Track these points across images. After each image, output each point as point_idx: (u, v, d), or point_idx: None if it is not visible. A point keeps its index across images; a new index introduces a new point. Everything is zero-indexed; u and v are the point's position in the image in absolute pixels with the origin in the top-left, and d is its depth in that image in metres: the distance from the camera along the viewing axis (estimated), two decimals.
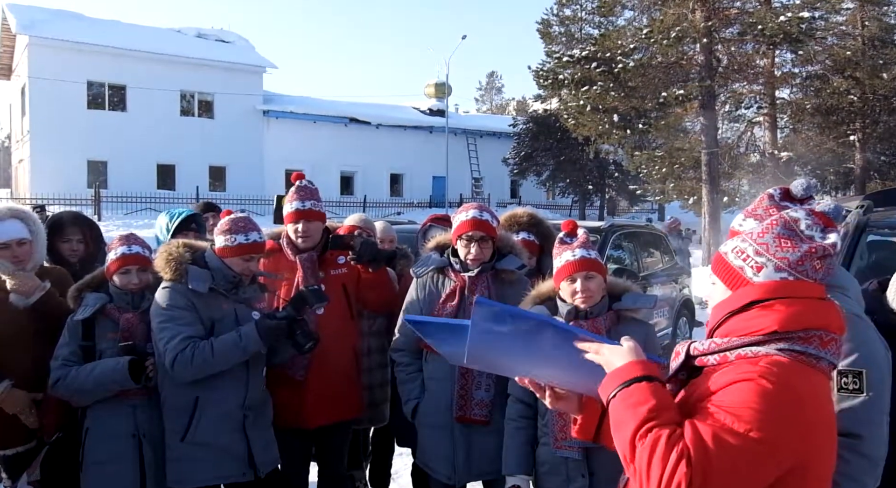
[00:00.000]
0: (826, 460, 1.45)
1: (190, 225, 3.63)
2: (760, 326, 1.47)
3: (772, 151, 20.84)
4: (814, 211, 1.58)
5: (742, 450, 1.33)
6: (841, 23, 20.57)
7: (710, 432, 1.35)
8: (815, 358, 1.45)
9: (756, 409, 1.35)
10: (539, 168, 31.08)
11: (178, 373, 2.78)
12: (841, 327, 1.51)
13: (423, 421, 3.02)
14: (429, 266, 3.01)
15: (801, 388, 1.40)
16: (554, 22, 28.78)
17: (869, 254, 4.72)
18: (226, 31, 31.23)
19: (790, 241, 1.52)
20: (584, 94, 20.20)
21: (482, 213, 2.94)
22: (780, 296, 1.48)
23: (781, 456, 1.36)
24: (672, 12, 18.28)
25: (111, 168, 25.87)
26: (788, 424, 1.36)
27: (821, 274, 1.50)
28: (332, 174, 30.39)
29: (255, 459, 2.93)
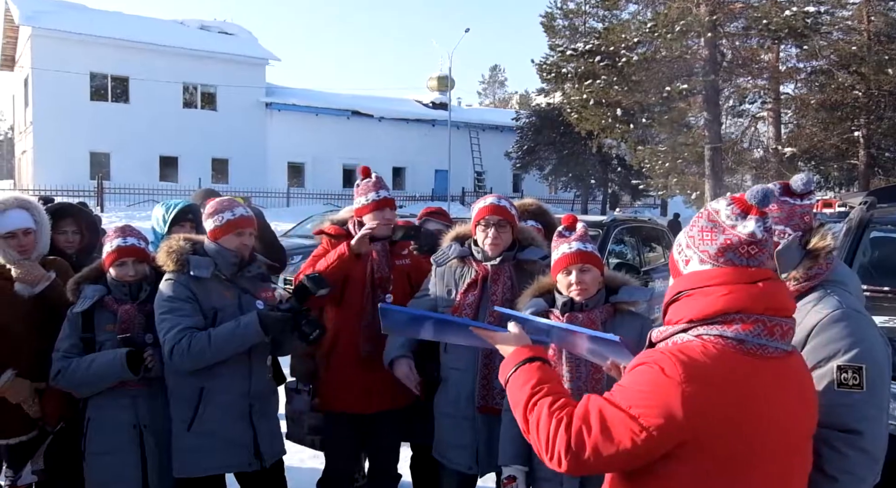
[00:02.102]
0: (731, 440, 1.48)
1: (186, 216, 3.61)
2: (681, 315, 1.59)
3: (775, 147, 20.79)
4: (735, 198, 1.63)
5: (620, 423, 1.47)
6: (846, 17, 20.47)
7: (597, 405, 1.52)
8: (737, 341, 1.51)
9: (641, 389, 1.49)
10: (542, 162, 31.02)
11: (177, 363, 2.78)
12: (779, 308, 1.55)
13: (443, 411, 3.00)
14: (450, 255, 3.02)
15: (700, 371, 1.47)
16: (558, 15, 28.62)
17: (872, 250, 4.72)
18: (229, 23, 31.16)
19: (711, 233, 1.60)
20: (587, 87, 20.18)
21: (500, 200, 2.97)
22: (700, 285, 1.57)
23: (662, 432, 1.46)
24: (677, 6, 18.22)
25: (114, 160, 25.87)
26: (672, 404, 1.44)
27: (758, 256, 1.57)
28: (334, 167, 30.38)
29: (260, 449, 2.94)
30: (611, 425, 1.50)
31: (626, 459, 1.51)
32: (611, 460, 1.52)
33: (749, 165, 21.49)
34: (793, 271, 1.97)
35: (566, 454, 1.53)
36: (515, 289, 2.88)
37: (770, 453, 1.53)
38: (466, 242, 3.05)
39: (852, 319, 1.87)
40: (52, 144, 24.22)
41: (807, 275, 1.96)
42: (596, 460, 1.52)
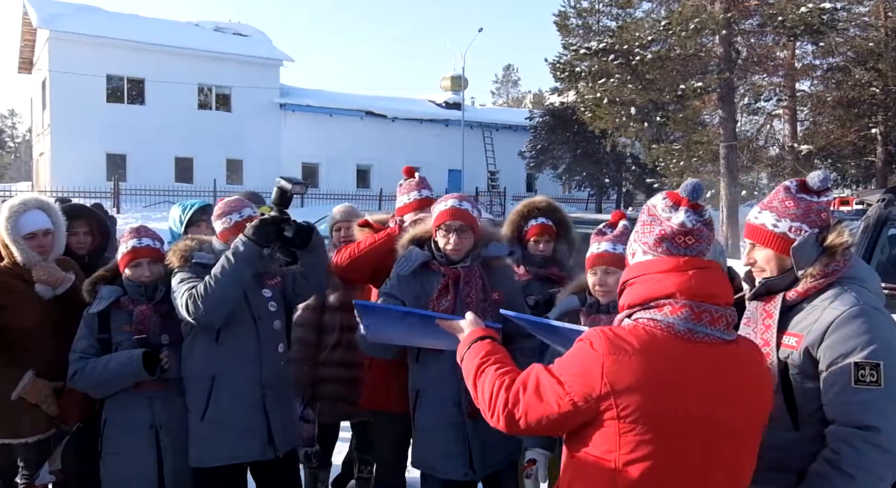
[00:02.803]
0: (649, 412, 1.60)
1: (203, 216, 3.64)
2: (625, 302, 1.76)
3: (791, 144, 20.58)
4: (669, 193, 1.79)
5: (550, 387, 1.67)
6: (863, 14, 20.22)
7: (536, 372, 1.73)
8: (666, 324, 1.65)
9: (572, 360, 1.68)
10: (555, 161, 30.90)
11: (195, 310, 2.74)
12: (709, 295, 1.66)
13: (427, 424, 2.88)
14: (414, 262, 2.87)
15: (623, 346, 1.62)
16: (571, 14, 28.47)
17: (890, 247, 4.68)
18: (243, 25, 31.32)
19: (650, 226, 1.76)
20: (601, 86, 20.06)
21: (461, 203, 2.85)
22: (639, 274, 1.73)
23: (583, 398, 1.63)
24: (691, 3, 18.09)
25: (130, 161, 26.09)
26: (593, 373, 1.62)
27: (695, 246, 1.70)
28: (348, 167, 30.45)
29: (274, 437, 2.94)
30: (542, 389, 1.69)
31: (553, 421, 1.68)
32: (539, 421, 1.70)
33: (765, 163, 21.28)
34: (809, 268, 1.95)
35: (503, 411, 1.73)
36: (488, 289, 2.82)
37: (689, 432, 1.62)
38: (426, 245, 2.92)
39: (870, 316, 1.87)
40: (70, 146, 24.46)
41: (824, 271, 1.95)
42: (527, 420, 1.71)
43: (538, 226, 3.55)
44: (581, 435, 1.70)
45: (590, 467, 1.69)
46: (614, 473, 1.64)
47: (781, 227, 1.98)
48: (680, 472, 1.64)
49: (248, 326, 2.95)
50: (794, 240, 1.96)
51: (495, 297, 2.85)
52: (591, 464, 1.68)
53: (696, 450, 1.64)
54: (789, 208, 1.98)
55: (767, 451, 1.97)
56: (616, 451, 1.63)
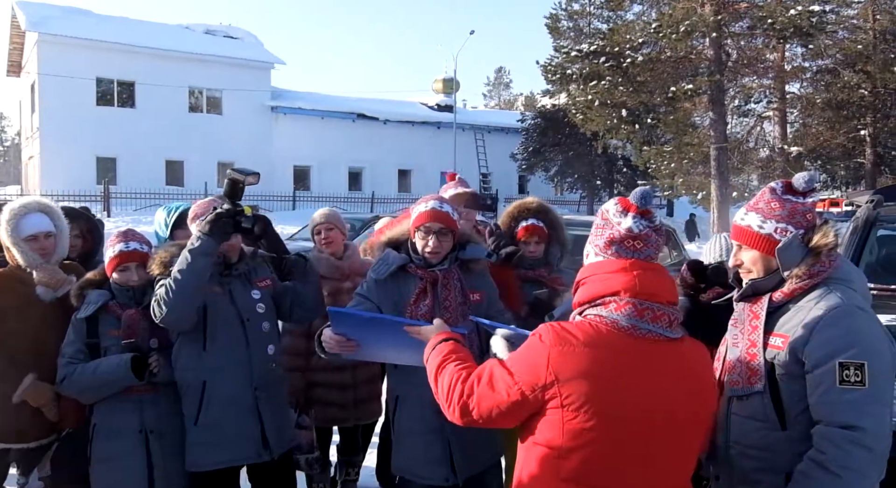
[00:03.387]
0: (591, 402, 1.68)
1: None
2: (576, 300, 1.86)
3: (781, 146, 20.74)
4: (621, 199, 1.88)
5: (501, 379, 1.78)
6: (852, 16, 20.42)
7: (491, 366, 1.84)
8: (611, 320, 1.74)
9: (522, 353, 1.79)
10: (547, 163, 30.98)
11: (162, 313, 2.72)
12: (651, 294, 1.75)
13: (407, 429, 2.82)
14: (391, 265, 2.78)
15: (568, 339, 1.72)
16: (562, 16, 28.65)
17: (879, 248, 4.70)
18: (234, 28, 31.26)
19: (602, 230, 1.86)
20: (592, 88, 20.14)
21: (441, 205, 2.79)
22: (589, 274, 1.84)
23: (531, 388, 1.72)
24: (681, 6, 18.19)
25: (120, 164, 25.96)
26: (539, 364, 1.71)
27: (644, 250, 1.81)
28: (340, 170, 30.41)
29: (268, 440, 2.92)
30: (494, 380, 1.80)
31: (504, 411, 1.78)
32: (491, 411, 1.79)
33: (755, 165, 21.42)
34: (795, 269, 1.97)
35: (458, 401, 1.84)
36: (467, 292, 2.77)
37: (630, 423, 1.70)
38: (402, 248, 2.85)
39: (855, 316, 1.89)
40: (59, 149, 24.32)
41: (809, 272, 1.96)
42: (479, 409, 1.81)
43: (527, 227, 3.54)
44: (530, 426, 1.79)
45: (537, 455, 1.77)
46: (558, 461, 1.73)
47: (767, 229, 2.00)
48: (620, 461, 1.71)
49: (236, 328, 2.92)
50: (780, 241, 1.98)
51: (475, 299, 2.81)
52: (538, 453, 1.77)
53: (637, 441, 1.71)
54: (775, 209, 2.00)
55: (756, 452, 1.98)
56: (560, 439, 1.72)
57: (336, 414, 3.77)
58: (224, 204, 2.81)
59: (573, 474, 1.71)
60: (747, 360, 2.00)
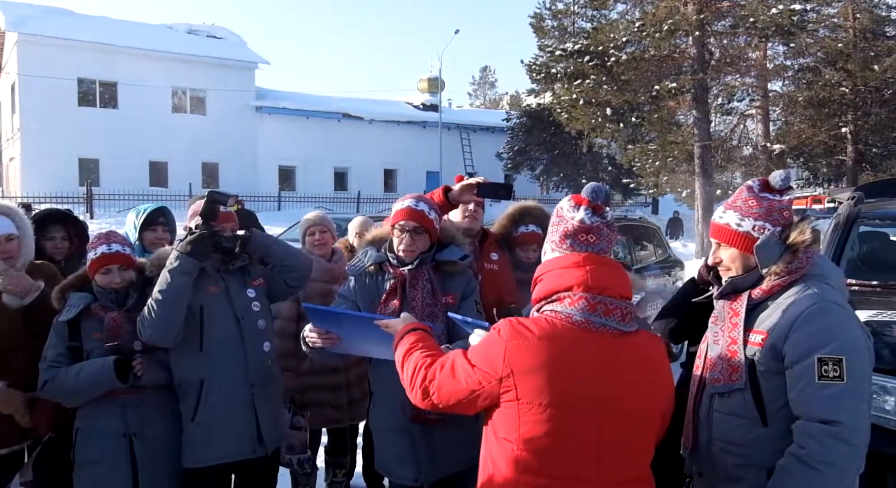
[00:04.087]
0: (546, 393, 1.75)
1: (158, 219, 3.58)
2: (534, 297, 1.91)
3: (764, 144, 20.90)
4: (574, 195, 1.95)
5: (462, 368, 1.85)
6: (832, 15, 20.58)
7: (454, 355, 1.91)
8: (565, 314, 1.80)
9: (482, 346, 1.87)
10: (533, 162, 31.05)
11: (143, 334, 2.79)
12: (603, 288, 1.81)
13: (378, 426, 2.90)
14: (366, 262, 2.86)
15: (524, 333, 1.78)
16: (547, 16, 28.66)
17: (860, 245, 4.75)
18: (217, 27, 31.05)
19: (557, 226, 1.92)
20: (577, 87, 20.19)
21: (418, 203, 2.81)
22: (546, 270, 1.89)
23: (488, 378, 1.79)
24: (664, 5, 18.28)
25: (103, 165, 25.72)
26: (496, 356, 1.78)
27: (597, 244, 1.87)
28: (325, 170, 30.31)
29: (263, 436, 2.95)
30: (456, 369, 1.87)
31: (462, 399, 1.85)
32: (450, 397, 1.87)
33: (738, 163, 21.58)
34: (773, 266, 1.99)
35: (420, 385, 1.91)
36: (437, 293, 2.77)
37: (584, 414, 1.76)
38: (383, 247, 2.89)
39: (832, 312, 1.91)
40: (40, 151, 24.06)
41: (787, 269, 1.99)
42: (439, 395, 1.89)
43: (528, 234, 3.54)
44: (489, 418, 1.87)
45: (498, 448, 1.83)
46: (515, 452, 1.78)
47: (745, 226, 2.02)
48: (574, 451, 1.76)
49: (232, 326, 2.94)
50: (758, 238, 2.00)
51: (448, 301, 2.80)
52: (499, 446, 1.83)
53: (590, 432, 1.76)
54: (752, 207, 2.03)
55: (737, 448, 2.00)
56: (516, 432, 1.78)
57: (331, 415, 3.80)
58: (202, 224, 2.85)
59: (532, 465, 1.77)
60: (728, 357, 2.02)
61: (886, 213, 4.89)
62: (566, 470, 1.77)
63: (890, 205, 5.01)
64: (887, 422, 3.00)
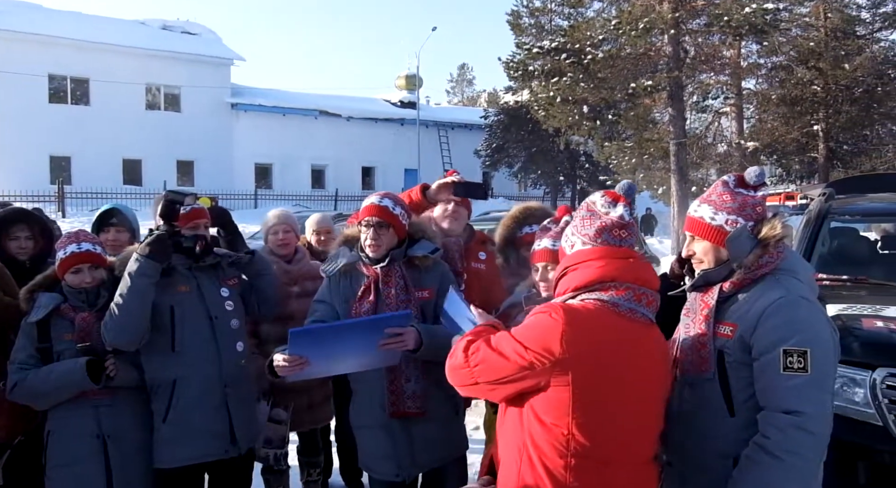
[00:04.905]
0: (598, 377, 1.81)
1: (110, 220, 3.53)
2: (568, 285, 1.95)
3: (738, 141, 21.16)
4: (607, 192, 2.03)
5: (509, 344, 1.86)
6: (804, 14, 20.88)
7: (498, 335, 1.94)
8: (612, 304, 1.87)
9: (531, 326, 1.87)
10: (511, 159, 31.13)
11: (108, 337, 2.77)
12: (646, 280, 1.91)
13: (358, 423, 2.94)
14: (339, 262, 2.86)
15: (578, 318, 1.83)
16: (524, 13, 28.73)
17: (831, 240, 4.82)
18: (192, 23, 30.69)
19: (590, 220, 1.98)
20: (554, 85, 20.28)
21: (382, 200, 2.84)
22: (582, 260, 1.93)
23: (541, 359, 1.80)
24: (640, 3, 18.41)
25: (75, 163, 25.33)
26: (552, 339, 1.80)
27: (628, 239, 1.95)
28: (302, 167, 30.13)
29: (236, 436, 2.94)
30: (502, 346, 1.88)
31: (508, 376, 1.85)
32: (493, 372, 1.87)
33: (713, 160, 21.82)
34: (744, 259, 2.02)
35: (462, 352, 1.93)
36: (410, 289, 2.80)
37: (625, 399, 1.84)
38: (356, 246, 2.91)
39: (799, 306, 1.96)
40: (11, 148, 23.60)
41: (758, 263, 2.03)
42: (482, 369, 1.89)
43: (533, 234, 3.54)
44: (531, 402, 1.86)
45: (540, 432, 1.84)
46: (566, 436, 1.80)
47: (718, 220, 2.06)
48: (619, 434, 1.84)
49: (205, 326, 2.93)
50: (730, 232, 2.04)
51: (423, 296, 2.84)
52: (541, 429, 1.84)
53: (630, 415, 1.85)
54: (726, 202, 2.07)
55: (706, 439, 2.03)
56: (568, 416, 1.80)
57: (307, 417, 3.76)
58: (161, 224, 2.83)
59: (584, 448, 1.80)
60: (698, 349, 2.06)
61: (856, 209, 4.97)
62: (612, 452, 1.83)
63: (860, 201, 5.10)
64: (856, 413, 3.05)
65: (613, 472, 1.83)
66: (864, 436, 3.02)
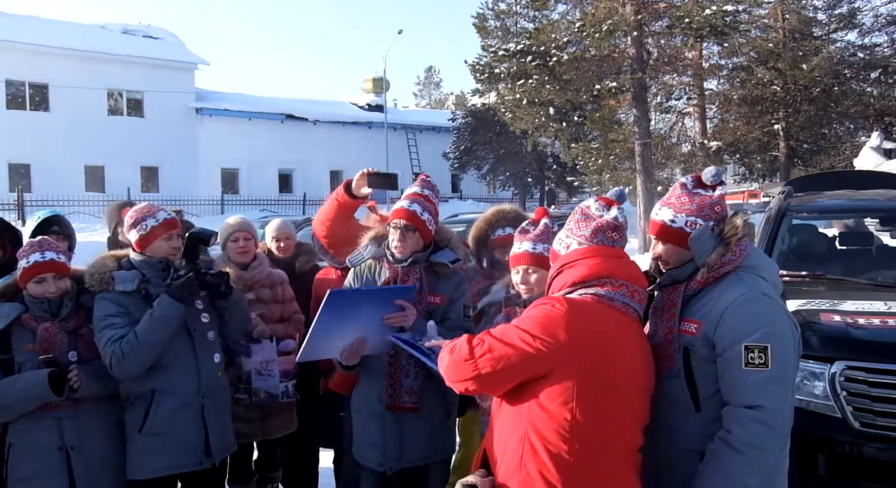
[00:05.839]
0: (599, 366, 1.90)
1: (51, 227, 3.47)
2: (565, 281, 2.04)
3: (702, 141, 21.52)
4: (601, 197, 2.15)
5: (514, 332, 1.93)
6: (763, 16, 21.34)
7: (503, 325, 2.03)
8: (608, 298, 1.97)
9: (535, 316, 1.94)
10: (479, 161, 31.25)
11: (119, 372, 2.78)
12: (636, 278, 2.04)
13: (356, 407, 3.07)
14: (365, 256, 3.05)
15: (580, 309, 1.93)
16: (489, 16, 28.92)
17: (790, 237, 4.93)
18: (154, 27, 30.22)
19: (585, 223, 2.09)
20: (520, 87, 20.42)
21: (411, 204, 2.96)
22: (578, 258, 2.04)
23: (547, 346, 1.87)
24: (603, 6, 18.62)
25: (35, 170, 24.80)
26: (557, 327, 1.88)
27: (619, 241, 2.07)
28: (269, 172, 29.86)
29: (211, 447, 2.94)
30: (507, 335, 1.94)
31: (513, 363, 1.90)
32: (499, 361, 1.91)
33: (678, 159, 22.16)
34: (707, 258, 2.07)
35: (467, 344, 1.97)
36: (424, 292, 2.93)
37: (620, 388, 1.93)
38: (384, 243, 3.05)
39: (760, 303, 2.01)
40: None
41: (721, 262, 2.08)
42: (488, 359, 1.92)
43: (505, 237, 3.53)
44: (533, 388, 1.92)
45: (543, 419, 1.89)
46: (570, 421, 1.86)
47: (679, 222, 2.12)
48: (616, 420, 1.91)
49: (184, 339, 2.93)
50: (690, 233, 2.09)
51: (435, 301, 2.96)
52: (544, 415, 1.89)
53: (626, 403, 1.94)
54: (685, 204, 2.13)
55: (672, 435, 2.07)
56: (572, 401, 1.86)
57: (242, 428, 3.64)
58: (185, 264, 2.88)
59: (585, 432, 1.87)
60: (664, 346, 2.10)
61: (814, 207, 5.10)
62: (612, 436, 1.91)
63: (818, 198, 5.22)
64: (816, 406, 3.14)
65: (611, 456, 1.91)
66: (824, 429, 3.10)
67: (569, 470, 1.86)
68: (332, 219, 3.47)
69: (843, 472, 3.11)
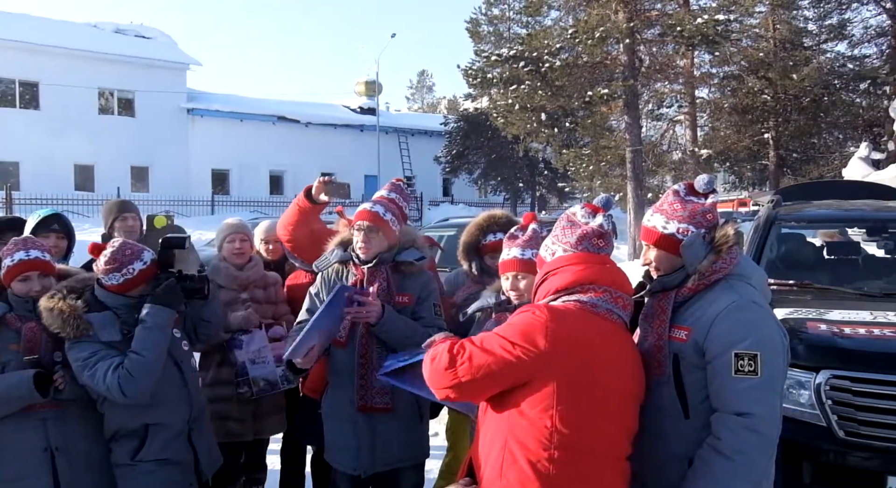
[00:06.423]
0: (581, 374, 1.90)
1: (52, 225, 3.42)
2: (549, 288, 2.06)
3: (693, 149, 21.61)
4: (587, 203, 2.17)
5: (495, 341, 1.93)
6: (754, 25, 21.48)
7: (484, 333, 2.02)
8: (591, 304, 1.99)
9: (516, 324, 1.96)
10: (470, 166, 31.30)
11: (132, 393, 2.66)
12: (621, 284, 2.05)
13: (328, 413, 3.09)
14: (332, 260, 3.08)
15: (561, 316, 1.94)
16: (483, 21, 29.01)
17: (779, 246, 4.97)
18: (146, 27, 30.15)
19: (571, 230, 2.11)
20: (512, 92, 20.45)
21: (374, 205, 3.03)
22: (563, 264, 2.05)
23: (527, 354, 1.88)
24: (596, 13, 18.69)
25: (24, 169, 24.65)
26: (537, 335, 1.89)
27: (605, 248, 2.09)
28: (260, 174, 29.78)
29: (200, 466, 2.95)
30: (488, 343, 1.94)
31: (493, 371, 1.90)
32: (479, 368, 1.91)
33: (668, 167, 22.25)
34: (699, 265, 2.08)
35: (448, 352, 1.96)
36: (392, 291, 2.97)
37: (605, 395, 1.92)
38: (349, 247, 3.09)
39: (750, 310, 2.03)
40: None
41: (711, 269, 2.09)
42: (469, 366, 1.92)
43: (497, 242, 3.54)
44: (515, 396, 1.93)
45: (523, 426, 1.90)
46: (549, 428, 1.86)
47: (670, 229, 2.13)
48: (599, 428, 1.91)
49: (174, 372, 2.90)
50: (682, 240, 2.10)
51: (403, 301, 2.99)
52: (525, 423, 1.90)
53: (611, 410, 1.93)
54: (677, 211, 2.14)
55: (661, 441, 2.08)
56: (553, 409, 1.87)
57: (235, 428, 3.65)
58: (161, 272, 2.85)
59: (566, 440, 1.86)
60: (654, 352, 2.11)
61: (802, 216, 5.13)
62: (594, 444, 1.90)
63: (806, 207, 5.26)
64: (802, 414, 3.16)
65: (593, 465, 1.90)
66: (809, 437, 3.12)
67: (549, 479, 1.85)
68: (294, 224, 3.50)
69: (828, 481, 3.13)
